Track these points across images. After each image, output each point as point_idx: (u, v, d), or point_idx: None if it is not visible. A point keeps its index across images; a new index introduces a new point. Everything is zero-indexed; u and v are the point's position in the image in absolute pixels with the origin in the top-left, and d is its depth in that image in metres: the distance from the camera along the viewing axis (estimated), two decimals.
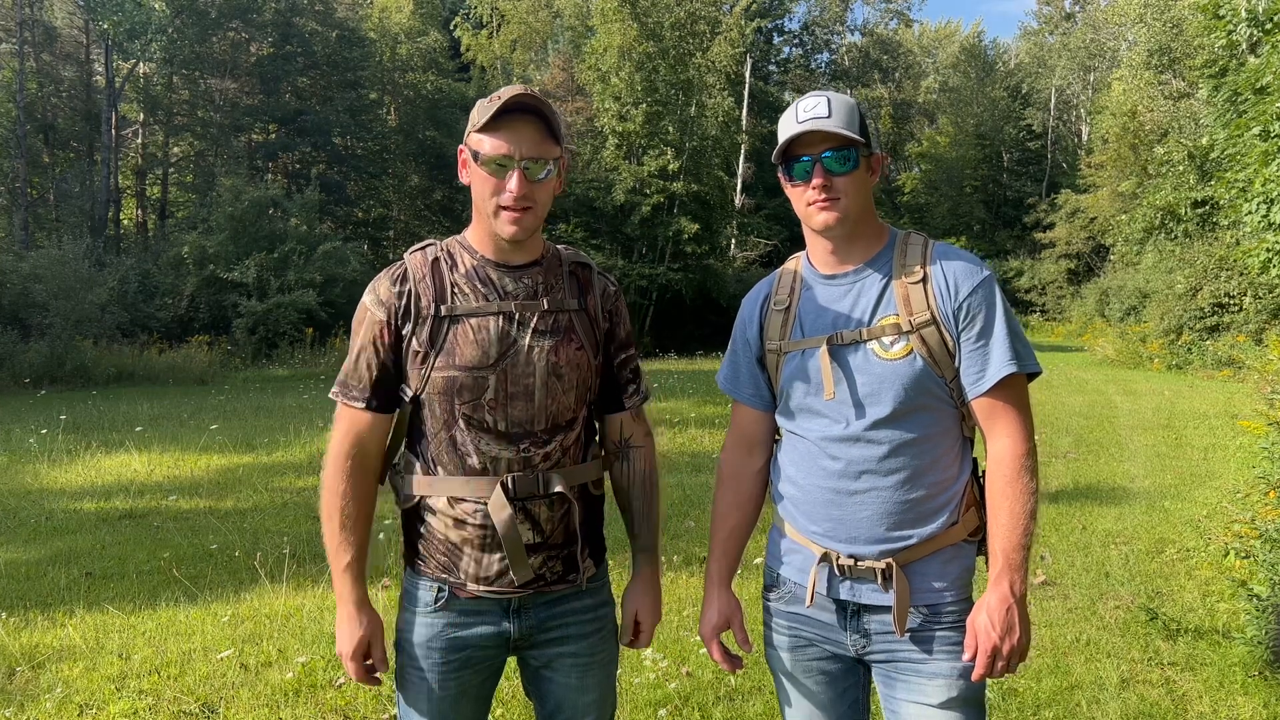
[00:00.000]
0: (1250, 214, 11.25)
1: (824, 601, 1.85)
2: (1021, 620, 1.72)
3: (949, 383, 1.79)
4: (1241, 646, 3.84)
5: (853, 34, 48.94)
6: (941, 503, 1.79)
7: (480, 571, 1.81)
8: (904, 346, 1.76)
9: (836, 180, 1.78)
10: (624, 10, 25.27)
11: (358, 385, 1.83)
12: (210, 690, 3.70)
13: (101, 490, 7.64)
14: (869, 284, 1.82)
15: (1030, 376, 1.79)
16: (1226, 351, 16.71)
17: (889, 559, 1.77)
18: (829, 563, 1.82)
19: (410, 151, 29.84)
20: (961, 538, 1.81)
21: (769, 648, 1.98)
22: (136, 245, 24.97)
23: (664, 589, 5.00)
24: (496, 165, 1.75)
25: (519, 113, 1.76)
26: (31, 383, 15.86)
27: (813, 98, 1.82)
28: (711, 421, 11.32)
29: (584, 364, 1.87)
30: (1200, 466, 8.40)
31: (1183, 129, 23.58)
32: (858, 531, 1.79)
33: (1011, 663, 1.72)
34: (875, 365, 1.77)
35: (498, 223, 1.78)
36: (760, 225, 33.18)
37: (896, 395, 1.76)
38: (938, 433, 1.79)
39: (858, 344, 1.79)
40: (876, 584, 1.78)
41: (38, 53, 24.02)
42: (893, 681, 1.83)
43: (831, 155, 1.78)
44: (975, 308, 1.76)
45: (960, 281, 1.77)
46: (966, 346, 1.77)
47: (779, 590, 1.94)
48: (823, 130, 1.76)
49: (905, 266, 1.81)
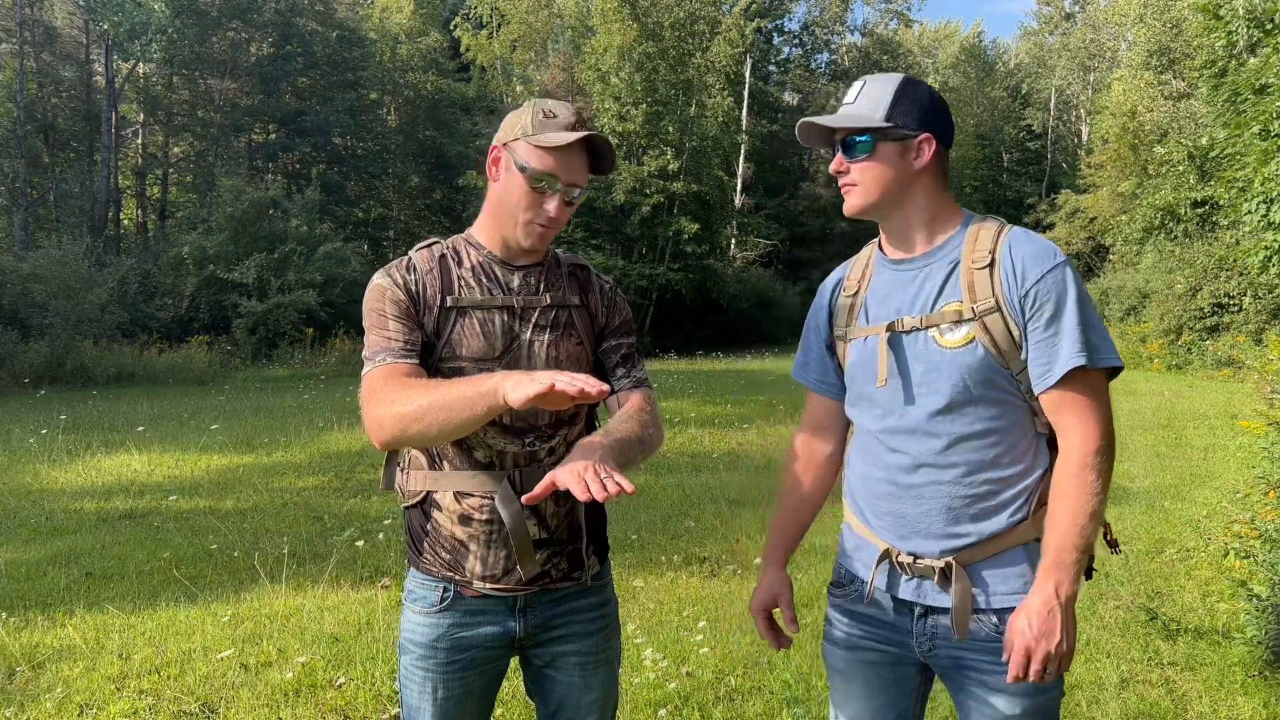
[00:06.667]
0: (1250, 213, 11.26)
1: (886, 600, 1.81)
2: (1065, 625, 1.61)
3: (1015, 374, 1.69)
4: (1241, 646, 3.84)
5: (853, 34, 48.96)
6: (1006, 499, 1.71)
7: (486, 569, 1.81)
8: (965, 334, 1.68)
9: (852, 165, 1.75)
10: (624, 10, 25.27)
11: (399, 344, 1.73)
12: (210, 690, 3.70)
13: (101, 490, 7.64)
14: (935, 269, 1.75)
15: (1111, 373, 1.69)
16: (1226, 351, 16.71)
17: (949, 558, 1.71)
18: (889, 559, 1.78)
19: (410, 151, 29.87)
20: (1032, 537, 1.71)
21: (827, 642, 1.95)
22: (136, 245, 24.98)
23: (664, 589, 5.02)
24: (544, 183, 1.76)
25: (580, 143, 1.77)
26: (31, 383, 15.87)
27: (858, 82, 1.79)
28: (711, 421, 11.32)
29: (583, 358, 1.88)
30: (1200, 466, 8.40)
31: (1183, 129, 23.59)
32: (917, 526, 1.74)
33: (1049, 669, 1.62)
34: (934, 353, 1.70)
35: (520, 231, 1.79)
36: (760, 225, 33.20)
37: (954, 385, 1.68)
38: (1004, 426, 1.70)
39: (917, 330, 1.72)
40: (935, 583, 1.73)
41: (38, 53, 24.02)
42: (962, 687, 1.77)
43: (846, 142, 1.75)
44: (1043, 296, 1.64)
45: (1028, 267, 1.65)
46: (1034, 337, 1.66)
47: (845, 589, 1.90)
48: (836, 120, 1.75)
49: (974, 252, 1.72)
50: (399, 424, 1.62)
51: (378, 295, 1.78)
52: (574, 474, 1.46)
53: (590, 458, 1.51)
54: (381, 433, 1.65)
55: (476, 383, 1.57)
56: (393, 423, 1.62)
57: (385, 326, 1.76)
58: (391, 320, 1.76)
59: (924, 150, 1.74)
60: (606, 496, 1.43)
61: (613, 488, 1.44)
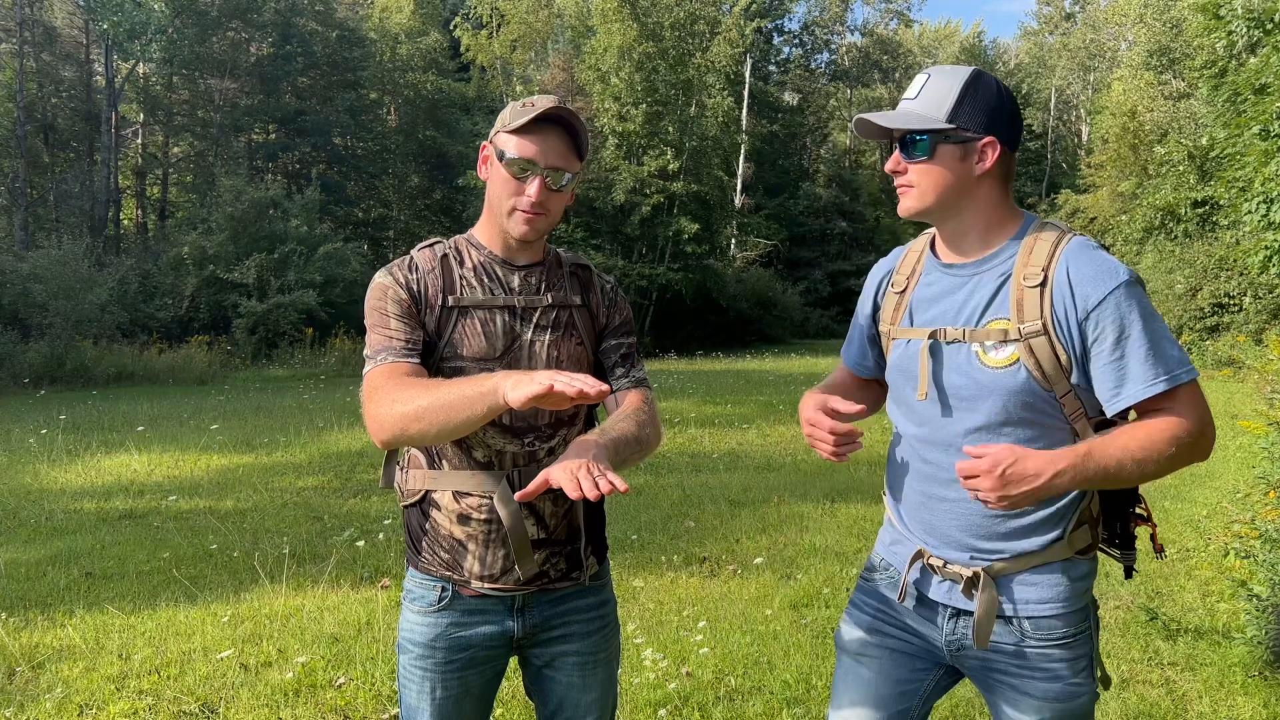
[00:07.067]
0: (1250, 213, 11.25)
1: (916, 596, 1.80)
2: (1031, 485, 1.52)
3: (1059, 397, 1.63)
4: (1241, 646, 3.83)
5: (853, 34, 48.95)
6: (1040, 519, 1.67)
7: (484, 569, 1.82)
8: (1009, 355, 1.62)
9: (910, 166, 1.67)
10: (624, 10, 25.27)
11: (401, 343, 1.74)
12: (210, 690, 3.70)
13: (101, 490, 7.64)
14: (985, 280, 1.68)
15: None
16: (1226, 351, 16.70)
17: (977, 568, 1.69)
18: (922, 559, 1.77)
19: (410, 151, 29.86)
20: (1066, 556, 1.68)
21: (846, 622, 1.92)
22: (136, 245, 24.97)
23: (664, 589, 5.01)
24: (520, 169, 1.77)
25: (550, 123, 1.77)
26: (31, 383, 15.87)
27: (921, 74, 1.71)
28: (711, 421, 11.32)
29: (583, 358, 1.89)
30: (1200, 466, 8.38)
31: (1183, 129, 23.59)
32: (947, 538, 1.73)
33: (984, 489, 1.54)
34: (976, 370, 1.65)
35: (510, 222, 1.80)
36: (760, 225, 33.21)
37: (994, 406, 1.63)
38: (1043, 448, 1.60)
39: (959, 343, 1.67)
40: (962, 590, 1.71)
41: (38, 53, 24.03)
42: (992, 689, 1.77)
43: (906, 139, 1.67)
44: (1106, 319, 1.56)
45: (1089, 291, 1.57)
46: (1100, 360, 1.59)
47: (879, 573, 1.88)
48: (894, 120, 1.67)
49: (1027, 266, 1.63)
50: (399, 423, 1.63)
51: (379, 294, 1.79)
52: (567, 472, 1.47)
53: (584, 456, 1.51)
54: (382, 431, 1.66)
55: (477, 382, 1.58)
56: (393, 422, 1.63)
57: (387, 325, 1.77)
58: (393, 319, 1.77)
59: (987, 154, 1.65)
60: (598, 495, 1.44)
61: (605, 486, 1.44)
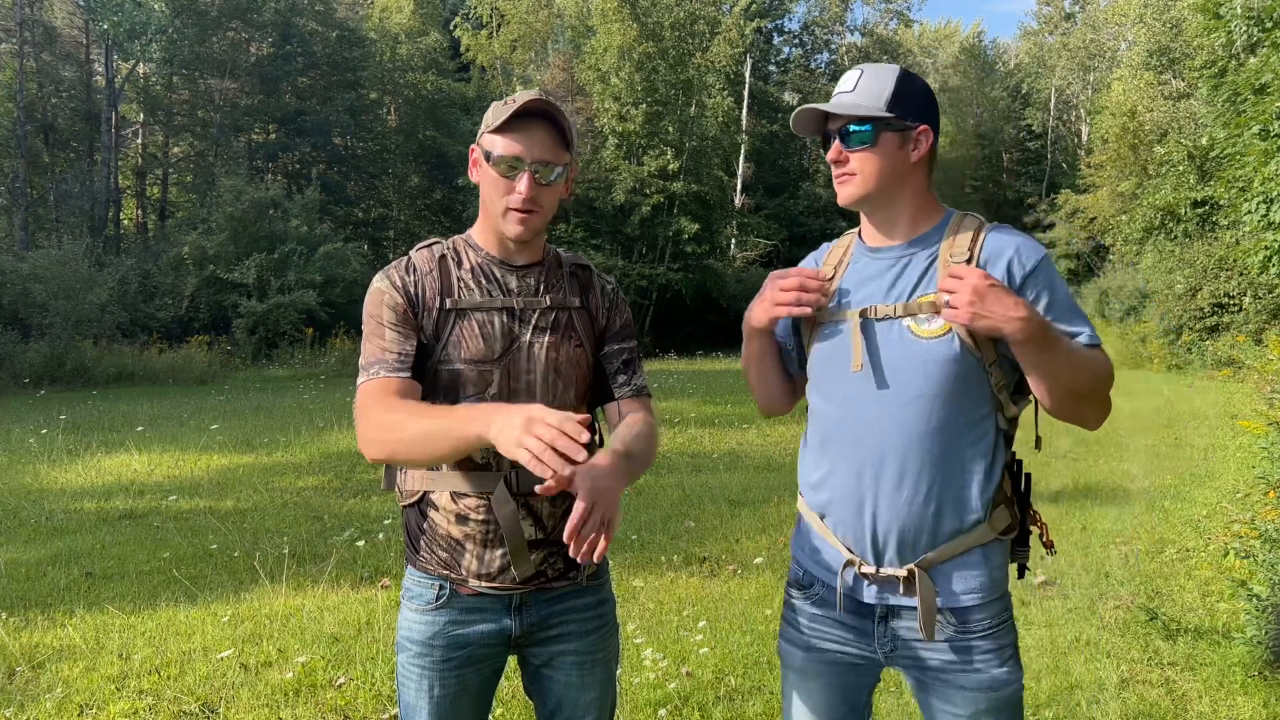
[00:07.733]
0: (1250, 213, 11.25)
1: (849, 604, 1.81)
2: (1003, 308, 1.57)
3: (986, 366, 1.70)
4: (1241, 646, 3.83)
5: (853, 34, 48.92)
6: (969, 496, 1.72)
7: (482, 568, 1.82)
8: (942, 325, 1.68)
9: (851, 155, 1.73)
10: (624, 10, 25.30)
11: (394, 356, 1.76)
12: (210, 690, 3.70)
13: (101, 490, 7.64)
14: (914, 261, 1.75)
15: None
16: (1226, 351, 16.69)
17: (909, 565, 1.72)
18: (853, 568, 1.78)
19: (410, 151, 29.86)
20: (990, 537, 1.74)
21: (784, 641, 1.94)
22: (136, 245, 24.97)
23: (664, 589, 5.01)
24: (508, 166, 1.77)
25: (533, 117, 1.77)
26: (31, 383, 15.87)
27: (853, 71, 1.77)
28: (711, 421, 11.32)
29: (582, 361, 1.88)
30: (1200, 466, 8.39)
31: (1182, 129, 23.59)
32: (879, 527, 1.73)
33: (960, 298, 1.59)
34: (909, 343, 1.70)
35: (505, 222, 1.80)
36: (760, 225, 33.21)
37: (928, 375, 1.68)
38: (969, 420, 1.71)
39: (891, 319, 1.72)
40: (899, 589, 1.74)
41: (38, 53, 24.02)
42: (924, 687, 1.79)
43: (845, 130, 1.73)
44: (1040, 283, 1.69)
45: (1024, 258, 1.69)
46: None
47: (807, 591, 1.89)
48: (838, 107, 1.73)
49: (954, 245, 1.73)
50: (387, 450, 1.68)
51: (376, 300, 1.80)
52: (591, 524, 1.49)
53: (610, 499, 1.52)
54: (371, 453, 1.71)
55: (467, 420, 1.57)
56: (378, 448, 1.69)
57: (382, 335, 1.78)
58: (388, 329, 1.78)
59: (921, 142, 1.74)
60: (585, 561, 1.50)
61: (596, 557, 1.50)
